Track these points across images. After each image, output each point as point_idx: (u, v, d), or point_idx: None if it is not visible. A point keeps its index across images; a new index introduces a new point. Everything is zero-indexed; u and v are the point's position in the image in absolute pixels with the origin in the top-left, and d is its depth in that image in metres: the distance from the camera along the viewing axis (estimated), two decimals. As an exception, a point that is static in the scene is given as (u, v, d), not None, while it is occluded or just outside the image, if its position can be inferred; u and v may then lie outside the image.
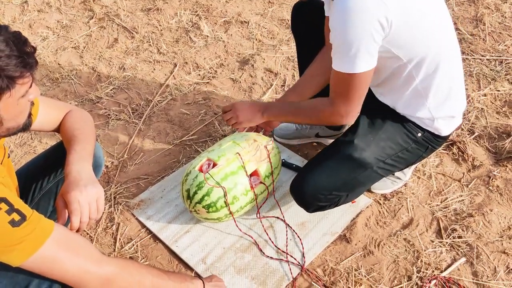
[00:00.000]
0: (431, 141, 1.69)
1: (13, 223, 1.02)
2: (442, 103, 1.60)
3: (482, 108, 2.35)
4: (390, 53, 1.46)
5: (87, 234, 1.84)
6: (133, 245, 1.79)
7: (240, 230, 1.78)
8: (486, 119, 2.29)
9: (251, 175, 1.71)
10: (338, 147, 1.66)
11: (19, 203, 1.06)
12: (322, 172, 1.62)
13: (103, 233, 1.84)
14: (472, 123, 2.27)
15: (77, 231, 1.23)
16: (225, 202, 1.63)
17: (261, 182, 1.73)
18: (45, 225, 1.09)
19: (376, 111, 1.68)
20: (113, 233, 1.84)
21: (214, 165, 1.69)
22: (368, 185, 1.80)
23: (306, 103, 1.71)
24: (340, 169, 1.62)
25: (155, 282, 1.29)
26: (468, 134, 2.21)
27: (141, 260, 1.74)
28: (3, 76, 0.98)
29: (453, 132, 1.76)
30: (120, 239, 1.82)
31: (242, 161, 1.68)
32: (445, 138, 1.73)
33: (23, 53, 1.02)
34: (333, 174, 1.62)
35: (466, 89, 2.46)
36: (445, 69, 1.55)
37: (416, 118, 1.64)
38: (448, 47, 1.57)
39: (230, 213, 1.67)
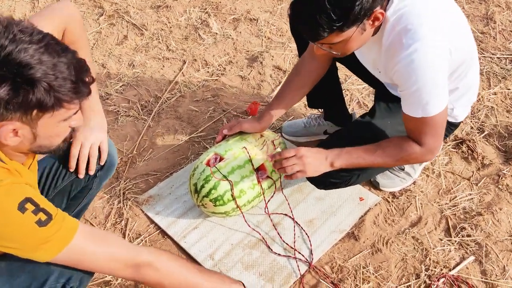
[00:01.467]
0: (445, 130, 1.70)
1: (39, 223, 1.04)
2: (462, 95, 1.66)
3: (492, 107, 2.34)
4: None
5: (93, 225, 1.85)
6: (142, 240, 1.80)
7: (249, 226, 1.78)
8: (496, 117, 2.28)
9: (258, 169, 1.71)
10: (355, 127, 1.68)
11: (44, 202, 1.07)
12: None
13: (112, 228, 1.86)
14: (482, 122, 2.26)
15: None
16: (232, 195, 1.64)
17: (268, 177, 1.73)
18: (71, 223, 1.11)
19: (394, 97, 1.69)
20: (122, 229, 1.85)
21: (221, 159, 1.70)
22: (380, 169, 1.82)
23: (383, 146, 1.55)
24: (354, 146, 1.59)
25: (188, 278, 1.27)
26: (477, 133, 2.20)
27: (149, 256, 1.74)
28: (52, 96, 0.99)
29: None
30: (129, 234, 1.83)
31: (248, 155, 1.68)
32: (457, 126, 1.78)
33: (79, 80, 1.03)
34: None
35: (476, 87, 2.46)
36: (468, 69, 1.59)
37: None
38: (471, 48, 1.59)
39: (237, 206, 1.67)
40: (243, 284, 1.43)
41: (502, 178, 1.97)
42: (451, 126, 1.75)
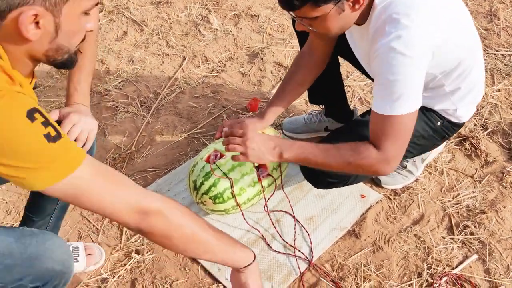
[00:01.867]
0: (448, 130, 1.69)
1: (48, 138, 0.90)
2: (466, 95, 1.60)
3: (496, 104, 2.31)
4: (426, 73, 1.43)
5: (94, 226, 1.83)
6: (140, 237, 1.78)
7: (248, 224, 1.75)
8: (500, 114, 2.25)
9: (258, 167, 1.68)
10: (355, 126, 1.64)
11: (52, 120, 0.94)
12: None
13: (109, 225, 1.83)
14: (486, 119, 2.22)
15: None
16: (232, 193, 1.61)
17: (268, 174, 1.70)
18: (79, 149, 0.99)
19: None
20: (119, 226, 1.82)
21: (221, 156, 1.67)
22: None
23: (340, 146, 1.46)
24: None
25: (197, 234, 1.14)
26: (481, 130, 2.17)
27: (147, 253, 1.72)
28: None
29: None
30: (126, 231, 1.80)
31: None
32: (460, 126, 1.73)
33: None
34: None
35: (480, 84, 2.42)
36: (471, 66, 1.54)
37: (438, 109, 1.63)
38: (474, 47, 1.55)
39: (237, 204, 1.64)
40: (254, 254, 1.32)
41: (506, 175, 1.94)
42: (454, 127, 1.70)
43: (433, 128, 1.65)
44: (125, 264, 1.69)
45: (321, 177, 1.65)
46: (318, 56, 1.74)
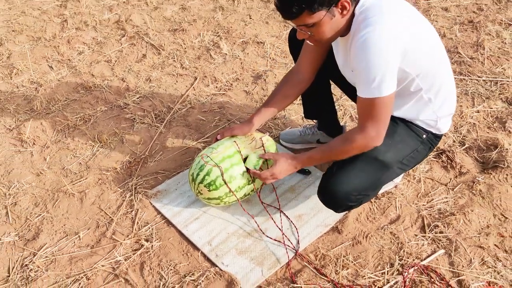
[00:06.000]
0: (432, 141, 1.93)
1: None
2: (443, 103, 1.84)
3: (474, 123, 2.55)
4: (402, 71, 1.68)
5: (110, 217, 2.09)
6: (149, 228, 2.04)
7: (244, 210, 2.00)
8: (477, 132, 2.49)
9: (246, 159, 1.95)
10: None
11: None
12: (352, 174, 1.79)
13: (123, 217, 2.10)
14: (464, 136, 2.46)
15: None
16: (223, 180, 1.87)
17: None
18: None
19: None
20: (132, 218, 2.09)
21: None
22: (384, 184, 1.97)
23: (334, 141, 1.78)
24: (368, 171, 1.81)
25: None
26: (459, 145, 2.40)
27: (155, 241, 1.98)
28: None
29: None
30: (138, 222, 2.06)
31: (238, 147, 1.93)
32: (441, 138, 1.97)
33: None
34: (362, 176, 1.80)
35: (461, 105, 2.67)
36: (444, 75, 1.80)
37: (421, 121, 1.87)
38: (443, 57, 1.81)
39: (230, 190, 1.90)
40: None
41: (476, 184, 2.17)
42: (436, 138, 1.94)
43: (421, 141, 1.90)
44: (136, 250, 1.95)
45: (342, 202, 1.83)
46: (303, 74, 2.02)
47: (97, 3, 4.00)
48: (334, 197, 1.81)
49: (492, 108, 2.65)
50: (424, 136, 1.89)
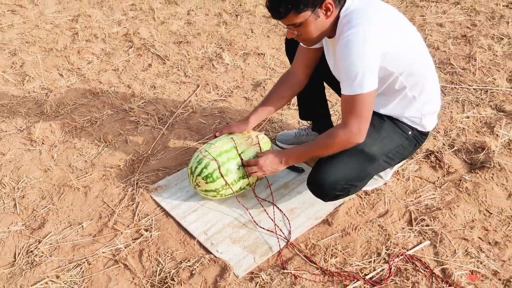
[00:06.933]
0: (418, 138, 2.04)
1: None
2: (427, 102, 1.95)
3: (463, 128, 2.65)
4: (386, 70, 1.81)
5: (112, 209, 2.20)
6: (149, 219, 2.14)
7: (239, 202, 2.11)
8: (466, 136, 2.59)
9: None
10: None
11: None
12: (339, 165, 1.90)
13: (125, 209, 2.21)
14: (453, 139, 2.56)
15: None
16: (220, 173, 1.98)
17: None
18: None
19: (373, 113, 1.95)
20: (133, 210, 2.20)
21: None
22: (371, 177, 2.05)
23: (319, 138, 1.89)
24: (354, 162, 1.91)
25: None
26: (448, 148, 2.50)
27: (154, 230, 2.08)
28: None
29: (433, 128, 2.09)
30: (138, 214, 2.17)
31: (235, 143, 2.05)
32: (427, 135, 2.08)
33: None
34: (348, 166, 1.90)
35: (451, 111, 2.78)
36: (427, 74, 1.92)
37: (406, 118, 1.98)
38: (426, 59, 1.93)
39: (226, 183, 2.01)
40: None
41: (463, 182, 2.26)
42: (422, 135, 2.05)
43: (406, 137, 2.01)
44: (135, 239, 2.05)
45: (329, 191, 1.93)
46: (298, 76, 2.15)
47: (107, 18, 4.19)
48: (321, 186, 1.91)
49: (481, 114, 2.75)
50: (410, 132, 2.00)
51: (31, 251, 2.01)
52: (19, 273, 1.92)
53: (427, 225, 2.05)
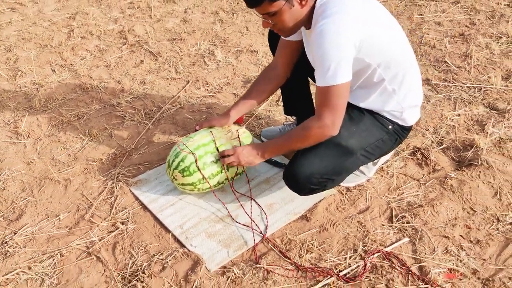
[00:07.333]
0: (399, 133, 1.99)
1: None
2: (407, 94, 1.90)
3: (454, 126, 2.59)
4: (363, 62, 1.76)
5: (89, 201, 2.19)
6: (126, 212, 2.12)
7: (215, 196, 2.08)
8: (455, 134, 2.52)
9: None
10: None
11: None
12: (315, 158, 1.86)
13: (103, 202, 2.19)
14: (442, 137, 2.51)
15: None
16: (197, 166, 1.95)
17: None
18: None
19: (352, 107, 1.95)
20: (111, 203, 2.18)
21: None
22: (350, 172, 2.00)
23: (294, 129, 1.87)
24: (330, 155, 1.86)
25: None
26: (436, 145, 2.45)
27: (130, 224, 2.06)
28: None
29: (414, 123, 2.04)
30: (116, 207, 2.15)
31: (213, 137, 2.01)
32: (409, 130, 2.03)
33: None
34: (324, 160, 1.86)
35: (442, 109, 2.72)
36: (407, 67, 1.87)
37: (387, 112, 1.93)
38: (405, 50, 1.88)
39: (203, 177, 1.98)
40: None
41: (448, 179, 2.20)
42: (404, 130, 2.00)
43: (387, 132, 1.96)
44: (111, 232, 2.03)
45: (304, 185, 1.89)
46: (279, 69, 2.12)
47: (104, 16, 4.21)
48: (296, 179, 1.87)
49: (473, 112, 2.69)
50: (390, 127, 1.95)
51: (6, 242, 2.00)
52: (-9, 264, 1.91)
53: (408, 222, 2.00)
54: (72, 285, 1.81)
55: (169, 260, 1.87)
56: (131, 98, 2.97)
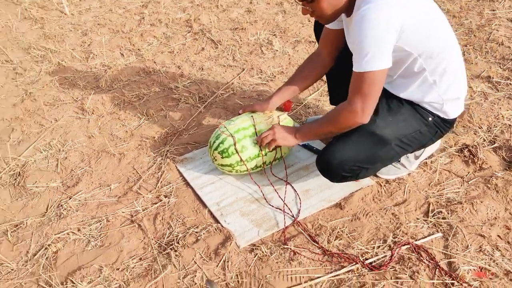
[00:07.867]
0: (439, 126, 1.95)
1: None
2: (449, 86, 1.86)
3: (510, 125, 2.47)
4: (403, 51, 1.74)
5: (139, 174, 2.35)
6: (170, 187, 2.26)
7: (252, 179, 2.15)
8: (511, 134, 2.41)
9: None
10: (362, 125, 1.85)
11: None
12: (348, 145, 1.87)
13: (150, 176, 2.34)
14: (496, 136, 2.40)
15: None
16: (235, 149, 2.04)
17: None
18: None
19: (392, 97, 1.95)
20: (158, 177, 2.32)
21: None
22: (385, 162, 1.99)
23: (328, 113, 1.89)
24: (363, 143, 1.87)
25: None
26: (488, 144, 2.35)
27: (172, 197, 2.19)
28: None
29: (458, 117, 1.98)
30: (161, 181, 2.29)
31: (253, 121, 2.08)
32: (451, 123, 1.98)
33: None
34: (357, 147, 1.87)
35: (500, 108, 2.61)
36: (449, 58, 1.82)
37: (427, 104, 1.90)
38: (449, 39, 1.83)
39: (241, 159, 2.06)
40: None
41: (493, 178, 2.12)
42: (445, 123, 1.95)
43: (426, 124, 1.93)
44: (154, 203, 2.18)
45: (336, 171, 1.92)
46: (323, 56, 2.14)
47: (174, 5, 4.41)
48: (328, 165, 1.90)
49: (534, 112, 2.55)
50: (430, 119, 1.92)
51: (61, 205, 2.20)
52: (47, 223, 2.11)
53: (444, 218, 1.96)
54: (114, 248, 1.97)
55: (203, 233, 1.97)
56: (188, 83, 3.12)
